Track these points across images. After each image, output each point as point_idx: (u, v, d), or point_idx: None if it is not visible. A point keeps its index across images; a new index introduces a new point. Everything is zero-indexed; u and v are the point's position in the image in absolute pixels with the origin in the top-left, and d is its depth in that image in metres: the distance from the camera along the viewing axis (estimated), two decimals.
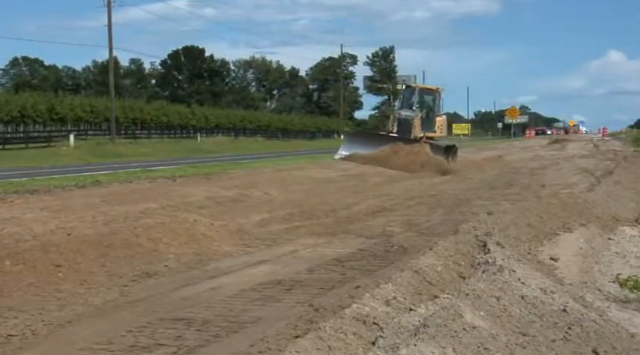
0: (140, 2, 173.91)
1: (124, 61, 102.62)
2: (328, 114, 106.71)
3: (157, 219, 10.95)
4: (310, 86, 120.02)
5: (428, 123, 29.84)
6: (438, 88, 31.52)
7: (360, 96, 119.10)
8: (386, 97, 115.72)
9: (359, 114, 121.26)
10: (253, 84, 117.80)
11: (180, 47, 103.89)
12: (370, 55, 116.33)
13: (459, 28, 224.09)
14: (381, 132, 30.84)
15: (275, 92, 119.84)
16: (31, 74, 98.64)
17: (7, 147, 44.75)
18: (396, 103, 32.46)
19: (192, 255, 9.64)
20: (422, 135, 28.70)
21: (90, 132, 57.81)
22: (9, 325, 6.31)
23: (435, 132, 30.22)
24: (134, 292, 7.66)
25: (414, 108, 29.99)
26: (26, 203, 12.53)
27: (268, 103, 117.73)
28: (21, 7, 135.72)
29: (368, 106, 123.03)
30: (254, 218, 12.97)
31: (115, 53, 62.43)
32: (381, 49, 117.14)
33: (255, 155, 45.07)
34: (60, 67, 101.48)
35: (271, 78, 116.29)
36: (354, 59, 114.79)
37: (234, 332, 6.12)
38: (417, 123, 28.81)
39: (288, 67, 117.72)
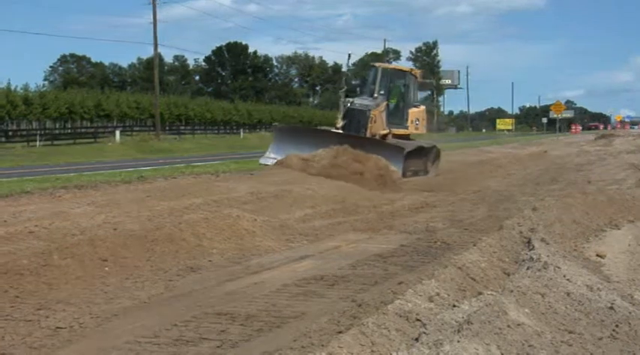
0: None
1: (169, 58, 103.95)
2: None
3: (201, 215, 11.06)
4: (353, 81, 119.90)
5: (396, 115, 22.40)
6: (412, 70, 24.23)
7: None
8: (429, 92, 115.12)
9: None
10: (296, 80, 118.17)
11: (223, 43, 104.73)
12: (413, 50, 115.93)
13: (504, 22, 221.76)
14: (322, 128, 24.40)
15: (318, 88, 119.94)
16: (78, 71, 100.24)
17: (55, 143, 45.55)
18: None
19: (236, 250, 9.71)
20: (386, 131, 21.34)
21: (135, 128, 58.57)
22: (57, 317, 6.43)
23: (406, 128, 22.65)
24: (179, 286, 7.75)
25: (375, 95, 21.74)
26: (74, 198, 12.76)
27: (311, 99, 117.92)
28: (69, 5, 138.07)
29: None
30: (296, 213, 13.01)
31: (159, 50, 63.12)
32: (424, 44, 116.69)
33: None
34: (106, 64, 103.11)
35: (314, 73, 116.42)
36: (397, 54, 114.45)
37: (277, 326, 6.15)
38: (376, 115, 21.18)
39: (330, 63, 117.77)
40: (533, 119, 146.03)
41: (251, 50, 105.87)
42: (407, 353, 4.43)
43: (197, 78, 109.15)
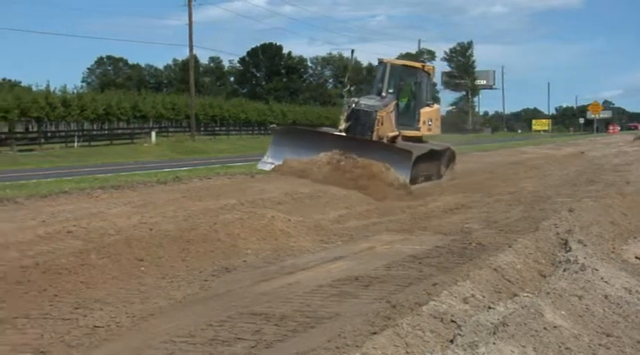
0: (220, 1, 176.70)
1: (204, 59, 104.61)
2: None
3: (236, 215, 11.12)
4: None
5: (407, 116, 20.63)
6: (424, 66, 22.09)
7: (438, 92, 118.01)
8: (464, 93, 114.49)
9: None
10: (331, 80, 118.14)
11: (258, 44, 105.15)
12: (448, 51, 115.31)
13: (539, 22, 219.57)
14: (323, 130, 21.66)
15: (352, 88, 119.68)
16: (115, 73, 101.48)
17: (93, 143, 46.18)
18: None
19: (270, 250, 9.75)
20: (395, 133, 19.39)
21: (171, 129, 59.08)
22: (95, 316, 6.52)
23: (418, 129, 20.71)
24: (214, 286, 7.80)
25: (382, 94, 19.94)
26: (111, 198, 12.91)
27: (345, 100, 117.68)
28: (105, 7, 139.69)
29: (445, 102, 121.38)
30: (331, 214, 13.01)
31: (195, 51, 63.63)
32: (458, 44, 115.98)
33: None
34: (143, 65, 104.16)
35: (347, 74, 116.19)
36: (431, 55, 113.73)
37: (311, 327, 6.16)
38: (384, 116, 19.00)
39: (365, 64, 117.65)
40: (569, 119, 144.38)
41: (285, 51, 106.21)
42: (441, 354, 4.42)
43: (232, 79, 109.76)
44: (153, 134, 50.96)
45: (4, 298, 6.90)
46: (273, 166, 18.31)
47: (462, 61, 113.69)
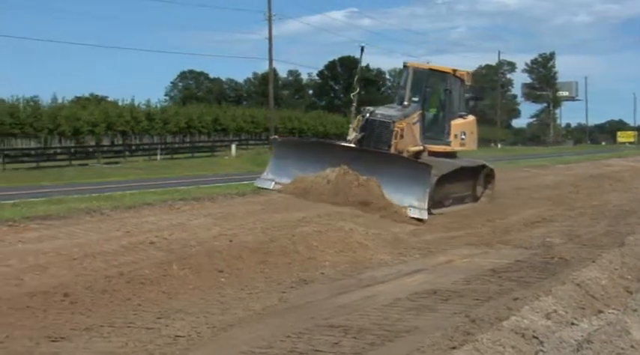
0: (298, 15, 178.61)
1: (283, 73, 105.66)
2: (485, 122, 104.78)
3: (314, 227, 11.18)
4: (466, 94, 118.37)
5: (434, 128, 17.79)
6: (456, 71, 18.43)
7: (518, 104, 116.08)
8: (545, 105, 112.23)
9: (516, 123, 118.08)
10: None
11: (336, 57, 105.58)
12: (529, 62, 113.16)
13: (624, 31, 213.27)
14: (330, 142, 19.27)
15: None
16: (197, 87, 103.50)
17: (175, 156, 47.20)
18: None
19: (348, 263, 9.76)
20: (418, 148, 16.75)
21: (250, 142, 59.82)
22: (176, 326, 6.65)
23: (448, 143, 17.79)
24: (292, 298, 7.85)
25: (405, 102, 17.20)
26: (192, 210, 13.14)
27: None
28: (187, 23, 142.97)
29: (526, 114, 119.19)
30: (408, 227, 12.95)
31: (274, 65, 64.37)
32: (540, 55, 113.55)
33: None
34: (223, 79, 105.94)
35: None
36: (512, 66, 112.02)
37: (389, 340, 6.13)
38: (404, 128, 16.40)
39: None
40: None
41: (363, 64, 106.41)
42: None
43: (310, 92, 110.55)
44: (233, 147, 51.69)
45: (90, 307, 7.12)
46: (273, 184, 16.04)
47: (543, 72, 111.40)
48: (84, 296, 7.33)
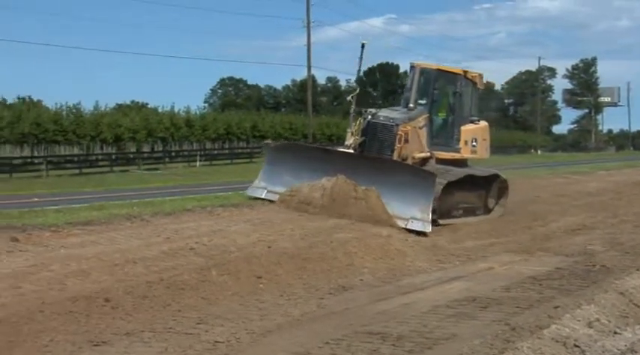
0: (337, 22, 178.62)
1: (321, 79, 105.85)
2: (525, 128, 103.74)
3: (352, 234, 11.17)
4: (506, 100, 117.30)
5: (443, 134, 16.51)
6: (467, 72, 16.95)
7: (559, 110, 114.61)
8: (586, 111, 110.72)
9: (557, 129, 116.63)
10: None
11: (375, 64, 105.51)
12: (570, 68, 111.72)
13: None
14: (326, 147, 18.12)
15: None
16: (235, 94, 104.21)
17: (214, 162, 47.57)
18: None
19: (386, 270, 9.74)
20: (425, 155, 15.41)
21: None
22: (216, 332, 6.69)
23: (457, 150, 16.47)
24: (330, 305, 7.86)
25: (410, 105, 15.85)
26: (231, 216, 13.21)
27: None
28: (227, 30, 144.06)
29: (567, 120, 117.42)
30: (447, 234, 12.86)
31: (312, 71, 64.54)
32: (581, 60, 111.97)
33: None
34: (262, 86, 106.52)
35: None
36: (552, 72, 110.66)
37: (428, 348, 6.10)
38: (408, 132, 15.20)
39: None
40: None
41: (402, 70, 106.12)
42: None
43: (349, 98, 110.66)
44: None
45: (131, 312, 7.21)
46: (265, 192, 15.02)
47: (584, 77, 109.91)
48: (125, 301, 7.41)
